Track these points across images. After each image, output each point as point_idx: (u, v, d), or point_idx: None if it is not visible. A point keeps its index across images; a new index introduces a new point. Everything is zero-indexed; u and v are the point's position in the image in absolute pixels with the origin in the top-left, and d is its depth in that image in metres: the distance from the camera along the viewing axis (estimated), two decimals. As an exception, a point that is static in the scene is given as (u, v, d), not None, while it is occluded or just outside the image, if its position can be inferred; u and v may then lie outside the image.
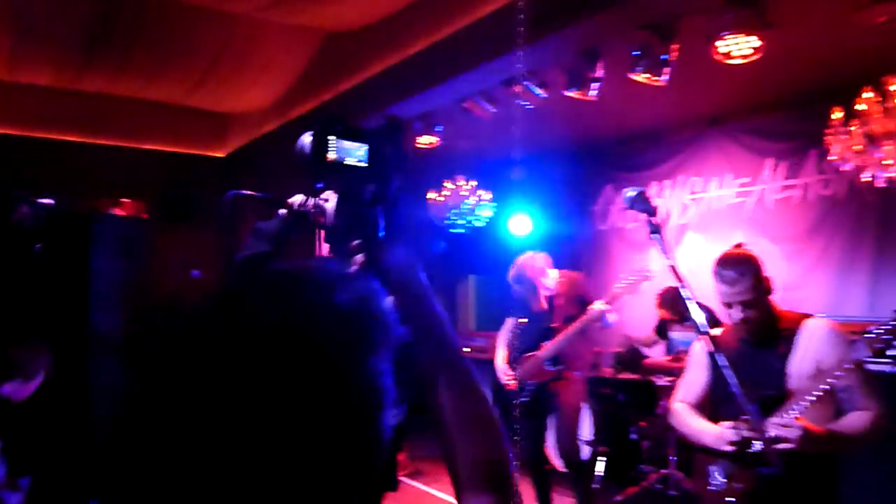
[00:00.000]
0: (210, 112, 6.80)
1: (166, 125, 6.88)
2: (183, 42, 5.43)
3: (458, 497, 0.90)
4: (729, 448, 2.27)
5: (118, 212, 6.93)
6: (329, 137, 1.07)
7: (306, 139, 1.07)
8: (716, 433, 2.35)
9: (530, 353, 4.41)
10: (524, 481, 4.64)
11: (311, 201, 1.19)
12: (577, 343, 4.31)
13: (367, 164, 1.10)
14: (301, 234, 1.71)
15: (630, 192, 1.90)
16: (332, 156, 1.08)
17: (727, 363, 2.35)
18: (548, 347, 4.27)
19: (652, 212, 1.84)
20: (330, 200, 1.14)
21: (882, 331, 2.03)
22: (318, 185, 1.16)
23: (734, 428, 2.28)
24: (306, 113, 5.90)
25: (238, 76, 5.95)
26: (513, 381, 4.46)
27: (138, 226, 6.51)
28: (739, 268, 2.28)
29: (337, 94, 5.44)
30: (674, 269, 1.75)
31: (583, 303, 4.18)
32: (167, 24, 5.15)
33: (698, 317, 1.72)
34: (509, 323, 4.70)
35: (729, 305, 2.31)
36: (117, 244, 6.29)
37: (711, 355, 2.50)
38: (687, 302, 1.72)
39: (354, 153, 1.10)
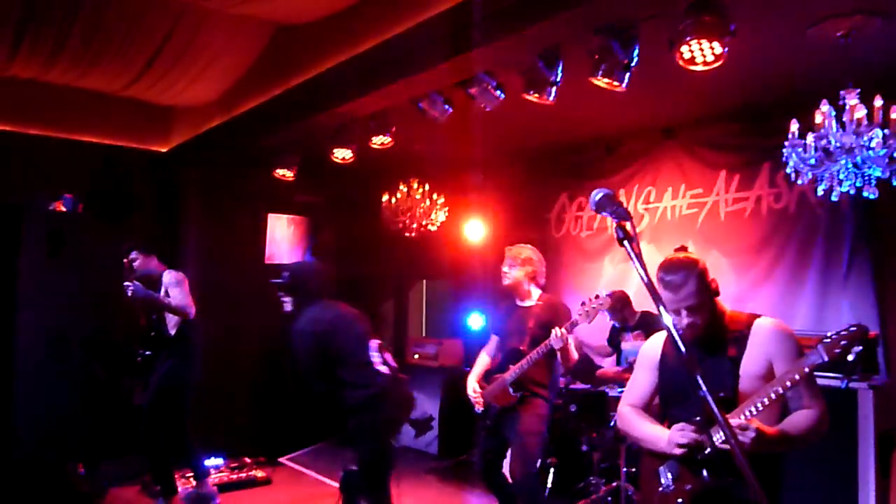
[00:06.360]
0: (152, 105, 6.49)
1: (105, 117, 6.54)
2: (124, 30, 5.13)
3: None
4: (679, 451, 2.25)
5: (56, 206, 6.55)
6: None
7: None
8: (664, 437, 2.34)
9: (497, 375, 4.25)
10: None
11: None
12: (540, 369, 4.14)
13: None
14: None
15: (598, 195, 1.78)
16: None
17: (676, 366, 2.33)
18: (512, 371, 4.12)
19: (623, 215, 1.70)
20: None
21: (840, 336, 2.02)
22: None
23: (682, 430, 2.25)
24: (254, 108, 5.66)
25: (183, 68, 5.67)
26: (479, 399, 4.31)
27: (72, 222, 6.17)
28: (682, 272, 2.26)
29: (286, 90, 5.22)
30: (648, 281, 1.64)
31: (549, 327, 3.96)
32: (107, 10, 4.86)
33: (667, 321, 1.63)
34: (494, 340, 4.55)
35: (676, 312, 2.29)
36: (49, 240, 5.95)
37: (663, 357, 2.47)
38: (662, 316, 1.62)
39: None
